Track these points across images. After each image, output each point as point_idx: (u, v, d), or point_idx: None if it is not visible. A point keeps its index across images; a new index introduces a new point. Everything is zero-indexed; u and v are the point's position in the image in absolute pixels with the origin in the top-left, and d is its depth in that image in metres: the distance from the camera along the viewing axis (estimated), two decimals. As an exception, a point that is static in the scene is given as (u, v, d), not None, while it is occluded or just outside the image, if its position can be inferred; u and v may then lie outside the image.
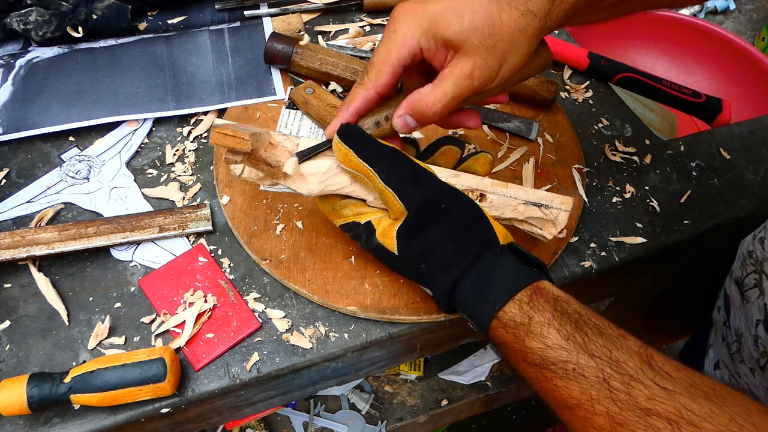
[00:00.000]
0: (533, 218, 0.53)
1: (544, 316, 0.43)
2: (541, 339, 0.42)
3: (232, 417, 0.61)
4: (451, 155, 0.54)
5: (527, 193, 0.53)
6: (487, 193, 0.53)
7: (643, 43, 1.44)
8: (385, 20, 0.82)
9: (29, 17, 0.71)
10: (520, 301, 0.44)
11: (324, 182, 0.50)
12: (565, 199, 0.54)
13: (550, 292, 0.45)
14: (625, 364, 0.39)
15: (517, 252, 0.48)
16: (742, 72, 1.36)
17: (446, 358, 1.02)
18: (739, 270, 0.56)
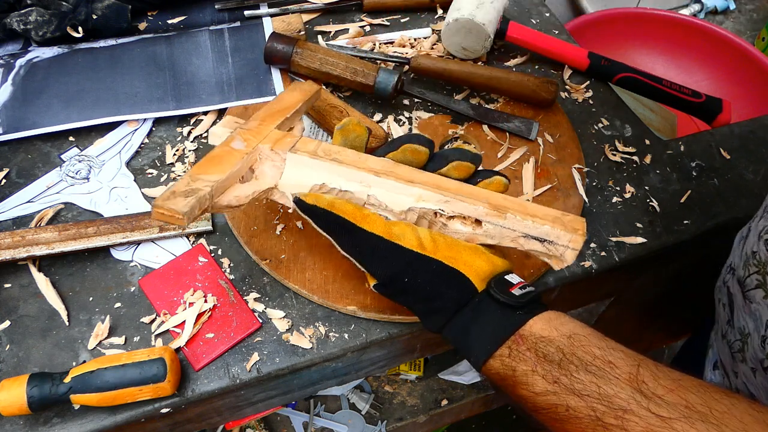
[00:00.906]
0: (536, 251, 0.49)
1: (527, 365, 0.42)
2: (528, 388, 0.42)
3: (232, 417, 0.61)
4: (464, 170, 0.51)
5: (528, 226, 0.48)
6: (482, 221, 0.49)
7: (643, 43, 1.45)
8: (385, 20, 0.83)
9: (29, 17, 0.71)
10: (500, 356, 0.43)
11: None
12: (573, 237, 0.48)
13: (532, 336, 0.43)
14: (616, 397, 0.38)
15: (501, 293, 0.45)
16: (742, 72, 1.36)
17: (446, 358, 1.02)
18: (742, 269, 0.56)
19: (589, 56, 0.76)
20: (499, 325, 0.44)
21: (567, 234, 0.48)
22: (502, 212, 0.48)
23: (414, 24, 0.83)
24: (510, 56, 0.80)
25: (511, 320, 0.44)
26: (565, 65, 0.79)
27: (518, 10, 0.87)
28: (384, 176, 0.49)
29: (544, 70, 0.79)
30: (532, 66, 0.79)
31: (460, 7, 0.74)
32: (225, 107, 0.69)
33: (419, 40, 0.80)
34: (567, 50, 0.77)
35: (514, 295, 0.45)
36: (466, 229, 0.49)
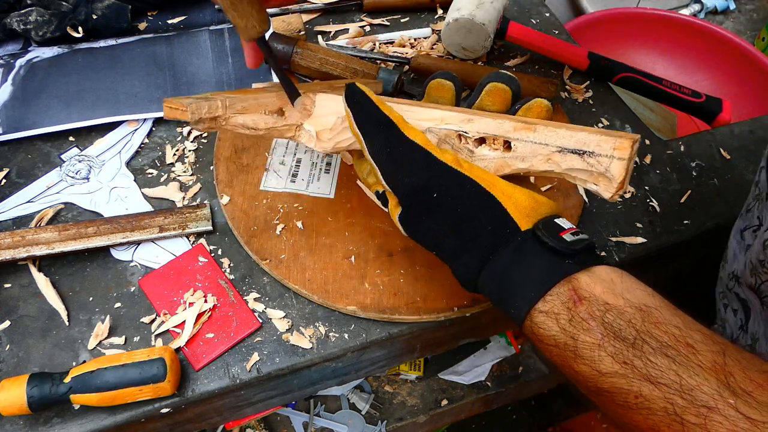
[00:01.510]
0: (575, 170, 0.42)
1: (591, 336, 0.35)
2: (591, 365, 0.35)
3: (232, 417, 0.61)
4: (500, 95, 0.45)
5: (563, 136, 0.41)
6: (511, 140, 0.42)
7: (643, 43, 1.45)
8: (385, 20, 0.82)
9: (29, 17, 0.71)
10: (555, 315, 0.37)
11: (333, 139, 0.48)
12: (619, 141, 0.40)
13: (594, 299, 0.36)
14: (698, 390, 0.32)
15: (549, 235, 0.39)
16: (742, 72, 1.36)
17: (446, 358, 1.02)
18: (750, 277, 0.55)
19: (589, 56, 0.76)
20: (546, 270, 0.38)
21: (609, 140, 0.40)
22: (531, 125, 0.42)
23: (414, 24, 0.83)
24: (510, 56, 0.80)
25: (561, 268, 0.38)
26: (565, 65, 0.79)
27: (518, 10, 0.87)
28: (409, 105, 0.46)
29: (544, 70, 0.79)
30: (532, 66, 0.79)
31: (460, 7, 0.74)
32: (225, 107, 0.69)
33: (419, 40, 0.80)
34: (567, 50, 0.77)
35: (564, 240, 0.38)
36: (494, 154, 0.43)
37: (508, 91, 0.45)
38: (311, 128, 0.49)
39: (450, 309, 0.56)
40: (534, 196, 0.41)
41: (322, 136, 0.49)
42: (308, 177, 0.64)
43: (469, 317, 0.57)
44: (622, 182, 0.41)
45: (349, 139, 0.49)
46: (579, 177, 0.42)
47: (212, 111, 0.45)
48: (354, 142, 0.49)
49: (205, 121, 0.45)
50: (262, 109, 0.48)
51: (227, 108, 0.46)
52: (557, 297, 0.37)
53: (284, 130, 0.49)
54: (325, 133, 0.49)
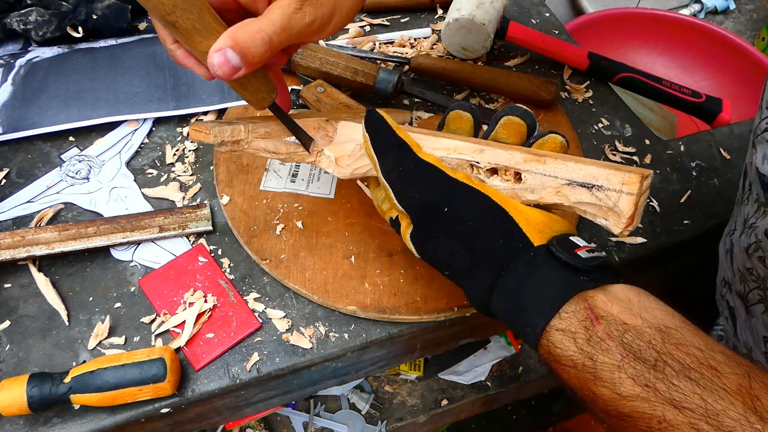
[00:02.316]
0: (584, 204, 0.41)
1: (610, 357, 0.34)
2: (612, 387, 0.34)
3: (232, 417, 0.61)
4: (515, 129, 0.46)
5: (572, 169, 0.41)
6: (521, 171, 0.43)
7: (643, 43, 1.45)
8: (385, 20, 0.82)
9: (29, 17, 0.71)
10: (572, 334, 0.35)
11: (351, 165, 0.50)
12: (628, 176, 0.39)
13: (612, 318, 0.35)
14: (724, 415, 0.31)
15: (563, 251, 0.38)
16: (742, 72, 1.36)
17: (446, 358, 1.02)
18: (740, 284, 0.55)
19: (589, 56, 0.76)
20: (561, 285, 0.37)
21: (618, 174, 0.40)
22: (541, 158, 0.42)
23: (414, 24, 0.83)
24: (510, 56, 0.80)
25: (576, 283, 0.37)
26: (565, 65, 0.79)
27: (518, 10, 0.87)
28: (424, 135, 0.47)
29: (544, 70, 0.79)
30: (532, 66, 0.79)
31: (460, 7, 0.74)
32: (225, 107, 0.69)
33: (419, 40, 0.80)
34: (567, 50, 0.77)
35: (579, 257, 0.37)
36: (505, 185, 0.44)
37: (523, 125, 0.46)
38: (331, 154, 0.51)
39: (450, 309, 0.56)
40: (547, 213, 0.41)
41: (341, 162, 0.50)
42: (308, 177, 0.64)
43: (469, 317, 0.57)
44: (631, 217, 0.40)
45: (367, 165, 0.50)
46: (588, 211, 0.42)
47: (234, 135, 0.47)
48: (371, 168, 0.50)
49: (227, 144, 0.47)
50: (285, 135, 0.50)
51: (250, 132, 0.48)
52: (574, 315, 0.36)
53: (305, 155, 0.51)
54: (344, 159, 0.50)
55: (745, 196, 0.52)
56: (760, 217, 0.48)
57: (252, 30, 0.39)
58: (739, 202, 0.54)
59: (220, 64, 0.38)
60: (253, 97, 0.45)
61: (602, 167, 0.41)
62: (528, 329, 0.37)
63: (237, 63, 0.39)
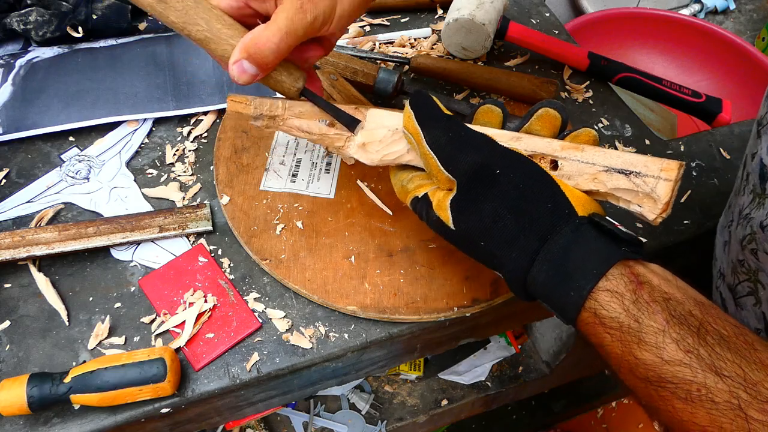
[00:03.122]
0: (620, 190, 0.42)
1: (655, 320, 0.35)
2: (655, 351, 0.34)
3: (232, 417, 0.61)
4: (550, 121, 0.47)
5: (610, 156, 0.42)
6: (558, 158, 0.43)
7: (643, 43, 1.45)
8: (385, 20, 0.82)
9: (29, 17, 0.71)
10: (619, 295, 0.36)
11: (381, 151, 0.50)
12: (666, 162, 0.41)
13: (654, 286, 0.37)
14: (762, 385, 0.31)
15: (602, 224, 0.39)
16: (742, 72, 1.36)
17: (446, 358, 1.02)
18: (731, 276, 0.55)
19: (589, 56, 0.76)
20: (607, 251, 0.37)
21: (657, 161, 0.41)
22: (579, 145, 0.44)
23: (414, 24, 0.83)
24: (510, 56, 0.80)
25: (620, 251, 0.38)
26: (565, 65, 0.79)
27: (518, 10, 0.87)
28: None
29: (544, 70, 0.79)
30: (532, 66, 0.79)
31: (460, 7, 0.74)
32: (225, 107, 0.69)
33: (419, 40, 0.80)
34: (567, 50, 0.77)
35: (621, 229, 0.39)
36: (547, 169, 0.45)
37: (559, 118, 0.47)
38: (361, 139, 0.51)
39: (450, 309, 0.56)
40: (586, 194, 0.42)
41: (370, 147, 0.51)
42: (308, 177, 0.64)
43: (469, 317, 0.57)
44: (667, 203, 0.41)
45: (397, 152, 0.50)
46: (623, 197, 0.43)
47: (273, 110, 0.48)
48: (401, 155, 0.50)
49: (264, 117, 0.48)
50: (316, 117, 0.51)
51: (286, 109, 0.49)
52: (620, 278, 0.37)
53: (335, 138, 0.51)
54: (374, 145, 0.50)
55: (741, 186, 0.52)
56: (755, 209, 0.49)
57: (261, 40, 0.44)
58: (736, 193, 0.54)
59: (240, 74, 0.45)
60: (279, 88, 0.49)
61: (639, 155, 0.42)
62: (572, 293, 0.37)
63: (254, 71, 0.45)
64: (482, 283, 0.57)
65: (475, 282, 0.57)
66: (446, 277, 0.57)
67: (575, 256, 0.38)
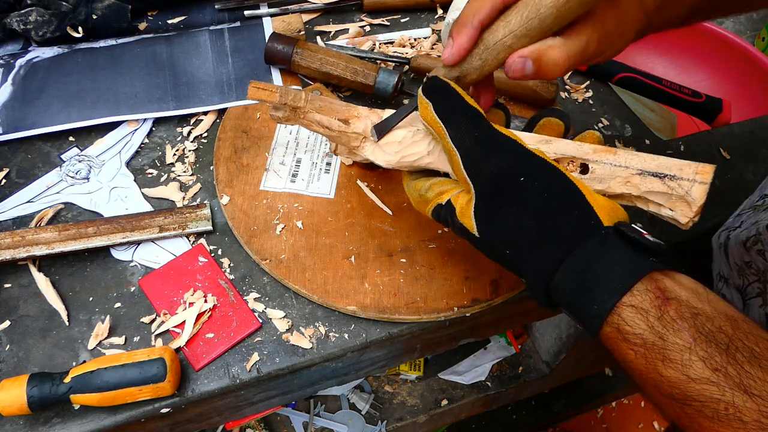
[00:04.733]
0: (654, 193, 0.42)
1: (681, 337, 0.34)
2: (681, 369, 0.33)
3: (232, 417, 0.61)
4: (552, 129, 0.47)
5: (644, 160, 0.42)
6: (590, 162, 0.43)
7: (643, 43, 1.44)
8: (385, 20, 0.82)
9: (29, 17, 0.71)
10: (644, 312, 0.35)
11: (400, 152, 0.49)
12: (701, 166, 0.41)
13: (682, 301, 0.35)
14: None
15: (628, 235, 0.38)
16: (742, 72, 1.36)
17: (446, 358, 1.02)
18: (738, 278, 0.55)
19: (589, 56, 0.76)
20: (633, 264, 0.37)
21: (692, 164, 0.41)
22: (611, 149, 0.43)
23: (414, 24, 0.83)
24: (510, 56, 0.80)
25: (647, 263, 0.37)
26: (565, 65, 0.79)
27: (518, 10, 0.86)
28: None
29: (544, 70, 0.79)
30: (532, 66, 0.79)
31: (459, 7, 0.74)
32: (225, 107, 0.69)
33: (419, 40, 0.80)
34: (567, 50, 0.77)
35: (648, 239, 0.38)
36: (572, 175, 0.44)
37: (561, 125, 0.47)
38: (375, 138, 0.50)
39: (450, 309, 0.56)
40: (611, 201, 0.41)
41: (388, 148, 0.49)
42: (308, 177, 0.64)
43: (469, 317, 0.57)
44: (701, 207, 0.41)
45: (417, 154, 0.48)
46: (655, 201, 0.42)
47: (296, 101, 0.47)
48: (420, 158, 0.48)
49: (287, 108, 0.46)
50: (333, 115, 0.50)
51: (308, 102, 0.48)
52: (645, 294, 0.36)
53: (352, 137, 0.51)
54: (392, 146, 0.49)
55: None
56: (762, 210, 0.49)
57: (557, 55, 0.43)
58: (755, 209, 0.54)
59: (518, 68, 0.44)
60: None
61: (672, 159, 0.42)
62: (596, 306, 0.37)
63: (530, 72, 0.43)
64: (482, 283, 0.57)
65: (475, 282, 0.57)
66: (446, 277, 0.57)
67: (599, 268, 0.37)
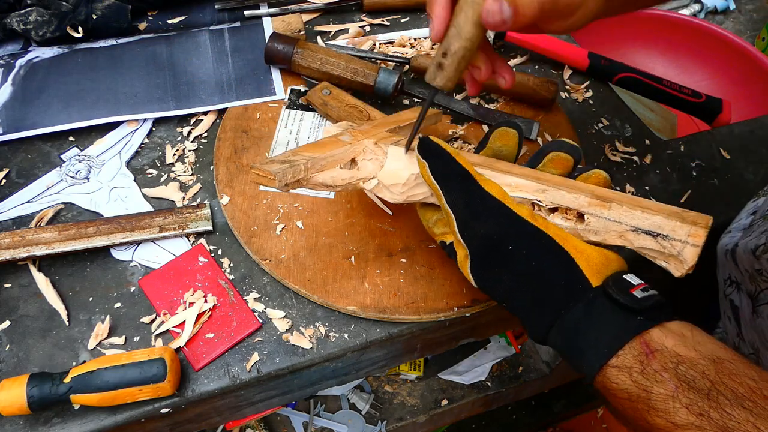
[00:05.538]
0: (647, 250, 0.43)
1: (665, 388, 0.36)
2: (666, 417, 0.35)
3: (232, 417, 0.61)
4: (561, 163, 0.48)
5: (637, 217, 0.43)
6: (585, 213, 0.44)
7: (643, 43, 1.45)
8: (385, 20, 0.82)
9: (29, 17, 0.71)
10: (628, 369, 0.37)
11: (405, 193, 0.50)
12: (693, 229, 0.42)
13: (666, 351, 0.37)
14: None
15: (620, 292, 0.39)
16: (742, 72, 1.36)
17: (446, 358, 1.02)
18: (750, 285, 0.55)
19: (589, 56, 0.76)
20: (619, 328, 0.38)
21: (685, 226, 0.42)
22: (606, 202, 0.44)
23: (414, 24, 0.83)
24: (510, 56, 0.80)
25: (633, 324, 0.38)
26: (565, 65, 0.79)
27: (518, 10, 0.86)
28: (482, 167, 0.47)
29: (544, 70, 0.79)
30: (532, 66, 0.79)
31: (460, 7, 0.74)
32: (225, 107, 0.69)
33: (419, 40, 0.80)
34: (567, 50, 0.77)
35: (635, 297, 0.39)
36: (567, 224, 0.45)
37: (571, 159, 0.48)
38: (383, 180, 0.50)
39: (450, 309, 0.56)
40: (604, 252, 0.43)
41: (394, 189, 0.50)
42: (308, 177, 0.64)
43: (469, 317, 0.57)
44: (693, 266, 0.42)
45: (422, 193, 0.50)
46: (650, 254, 0.44)
47: (296, 175, 0.47)
48: (426, 196, 0.50)
49: (290, 184, 0.47)
50: (337, 164, 0.50)
51: (308, 169, 0.48)
52: (629, 351, 0.38)
53: (358, 183, 0.51)
54: (397, 187, 0.50)
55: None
56: None
57: None
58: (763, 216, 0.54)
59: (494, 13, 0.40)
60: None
61: (668, 217, 0.42)
62: (585, 368, 0.39)
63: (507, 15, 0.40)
64: (482, 283, 0.57)
65: (475, 282, 0.57)
66: (446, 277, 0.57)
67: (587, 332, 0.39)
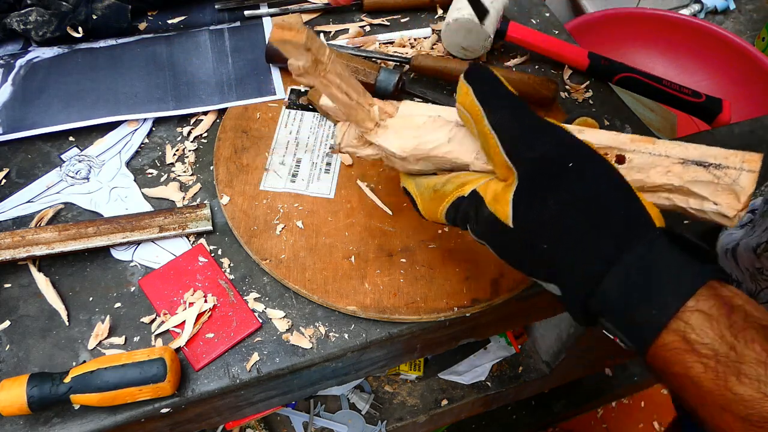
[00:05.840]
0: (698, 183, 0.38)
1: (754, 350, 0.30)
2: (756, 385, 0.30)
3: (232, 417, 0.61)
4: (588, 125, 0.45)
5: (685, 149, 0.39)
6: (626, 152, 0.40)
7: (643, 43, 1.45)
8: (385, 20, 0.82)
9: (29, 17, 0.71)
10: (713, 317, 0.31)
11: (418, 137, 0.45)
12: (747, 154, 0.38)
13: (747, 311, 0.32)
14: None
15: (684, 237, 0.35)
16: (742, 72, 1.36)
17: (446, 358, 1.02)
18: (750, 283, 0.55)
19: (589, 56, 0.76)
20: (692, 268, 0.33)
21: (738, 152, 0.38)
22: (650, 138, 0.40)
23: (414, 24, 0.83)
24: (510, 56, 0.80)
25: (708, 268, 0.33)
26: (565, 65, 0.79)
27: (518, 10, 0.87)
28: None
29: (544, 70, 0.79)
30: (532, 66, 0.79)
31: (460, 7, 0.74)
32: (225, 107, 0.69)
33: (419, 40, 0.80)
34: (567, 50, 0.77)
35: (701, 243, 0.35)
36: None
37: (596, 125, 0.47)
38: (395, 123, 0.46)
39: (450, 309, 0.56)
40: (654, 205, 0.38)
41: (405, 132, 0.45)
42: (308, 177, 0.64)
43: (469, 317, 0.57)
44: (749, 198, 0.38)
45: (435, 141, 0.45)
46: (700, 193, 0.39)
47: (320, 53, 0.42)
48: (439, 145, 0.45)
49: (310, 57, 0.41)
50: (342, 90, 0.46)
51: (331, 62, 0.43)
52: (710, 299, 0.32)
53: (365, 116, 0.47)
54: (410, 130, 0.45)
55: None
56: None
57: None
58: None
59: None
60: None
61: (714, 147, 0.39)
62: (655, 312, 0.33)
63: None
64: (482, 283, 0.57)
65: (475, 282, 0.57)
66: (446, 277, 0.57)
67: (659, 269, 0.33)
